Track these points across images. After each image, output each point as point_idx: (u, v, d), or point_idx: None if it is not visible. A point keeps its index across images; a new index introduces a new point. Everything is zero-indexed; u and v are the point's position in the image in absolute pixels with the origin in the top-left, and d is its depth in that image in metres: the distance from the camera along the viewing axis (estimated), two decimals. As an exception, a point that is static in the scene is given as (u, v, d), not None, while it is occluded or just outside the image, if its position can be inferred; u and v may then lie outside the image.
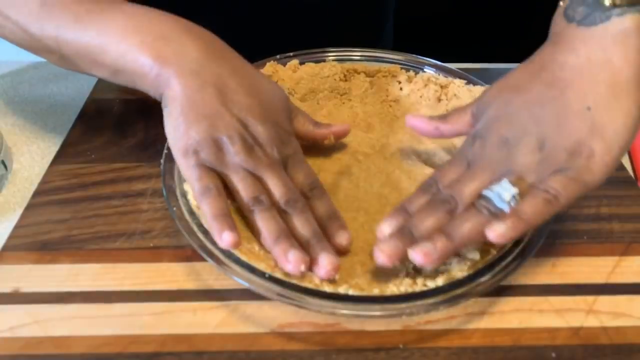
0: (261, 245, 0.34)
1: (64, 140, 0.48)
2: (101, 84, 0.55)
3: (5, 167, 0.45)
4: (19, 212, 0.41)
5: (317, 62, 0.50)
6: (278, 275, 0.32)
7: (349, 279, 0.32)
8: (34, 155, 0.47)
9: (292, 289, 0.31)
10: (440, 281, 0.32)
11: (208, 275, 0.36)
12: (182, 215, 0.35)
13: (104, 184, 0.43)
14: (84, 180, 0.43)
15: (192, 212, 0.35)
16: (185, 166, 0.35)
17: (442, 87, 0.48)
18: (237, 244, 0.31)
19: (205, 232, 0.34)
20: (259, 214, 0.34)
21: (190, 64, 0.36)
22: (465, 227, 0.31)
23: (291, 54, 0.50)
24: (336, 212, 0.36)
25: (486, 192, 0.32)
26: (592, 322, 0.34)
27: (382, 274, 0.33)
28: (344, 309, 0.31)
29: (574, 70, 0.33)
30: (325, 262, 0.32)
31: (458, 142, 0.44)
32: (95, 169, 0.45)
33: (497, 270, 0.32)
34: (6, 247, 0.38)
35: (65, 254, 0.37)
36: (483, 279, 0.32)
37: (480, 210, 0.31)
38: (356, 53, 0.51)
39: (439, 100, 0.47)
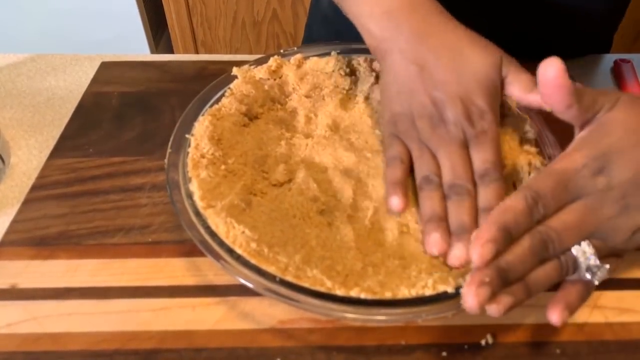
0: (270, 247, 0.33)
1: (61, 133, 0.47)
2: (99, 76, 0.54)
3: (3, 161, 0.44)
4: (17, 206, 0.40)
5: (321, 56, 0.49)
6: (289, 278, 0.31)
7: (361, 282, 0.32)
8: (32, 149, 0.47)
9: (301, 292, 0.31)
10: (452, 284, 0.31)
11: (207, 270, 0.36)
12: (184, 209, 0.35)
13: (102, 178, 0.43)
14: (82, 174, 0.43)
15: (198, 214, 0.34)
16: (385, 132, 0.40)
17: None
18: (401, 209, 0.36)
19: (213, 234, 0.33)
20: (424, 192, 0.36)
21: (400, 43, 0.39)
22: (544, 282, 0.29)
23: (295, 48, 0.50)
24: (497, 204, 0.34)
25: (580, 258, 0.29)
26: (597, 317, 0.34)
27: (393, 276, 0.32)
28: (356, 313, 0.30)
29: None
30: (454, 253, 0.33)
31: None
32: (93, 163, 0.44)
33: None
34: (3, 243, 0.38)
35: (63, 249, 0.37)
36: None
37: (562, 268, 0.29)
38: (361, 46, 0.50)
39: None
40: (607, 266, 0.29)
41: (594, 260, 0.29)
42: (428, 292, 0.31)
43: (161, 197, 0.41)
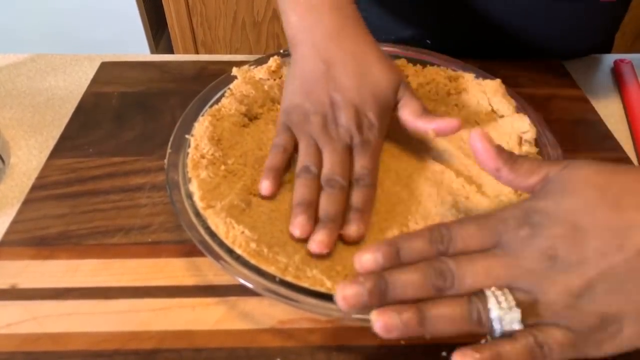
0: (270, 247, 0.33)
1: (61, 134, 0.47)
2: (99, 76, 0.54)
3: (3, 161, 0.44)
4: (17, 206, 0.40)
5: None
6: (288, 278, 0.31)
7: None
8: (32, 149, 0.47)
9: (301, 292, 0.31)
10: None
11: (207, 270, 0.36)
12: (183, 209, 0.35)
13: (102, 178, 0.43)
14: (82, 174, 0.43)
15: (198, 214, 0.35)
16: (278, 121, 0.42)
17: (450, 80, 0.47)
18: (271, 194, 0.37)
19: (212, 235, 0.33)
20: (300, 180, 0.37)
21: (315, 37, 0.41)
22: (444, 320, 0.26)
23: None
24: (365, 207, 0.36)
25: (491, 300, 0.26)
26: (596, 317, 0.34)
27: None
28: (356, 314, 0.29)
29: None
30: (315, 237, 0.33)
31: (468, 138, 0.43)
32: (93, 163, 0.44)
33: None
34: (3, 243, 0.37)
35: (63, 249, 0.37)
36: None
37: (470, 308, 0.26)
38: None
39: (449, 94, 0.46)
40: (518, 311, 0.25)
41: (504, 304, 0.25)
42: None
43: (161, 197, 0.41)
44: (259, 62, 0.48)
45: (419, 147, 0.43)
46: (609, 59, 0.60)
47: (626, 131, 0.50)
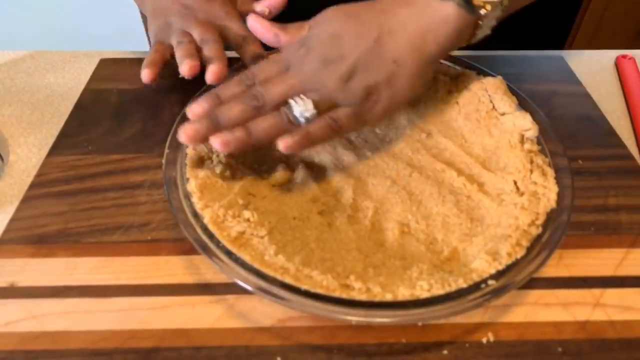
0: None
1: (60, 131, 0.47)
2: (98, 73, 0.54)
3: (2, 158, 0.44)
4: (16, 204, 0.40)
5: None
6: (288, 280, 0.31)
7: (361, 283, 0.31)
8: (31, 147, 0.46)
9: (303, 295, 0.30)
10: (452, 285, 0.31)
11: (207, 268, 0.36)
12: (181, 210, 0.34)
13: (101, 176, 0.42)
14: (81, 172, 0.43)
15: (196, 215, 0.34)
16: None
17: (451, 79, 0.47)
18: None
19: (211, 236, 0.33)
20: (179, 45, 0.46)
21: None
22: (264, 126, 0.35)
23: None
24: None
25: (291, 102, 0.35)
26: (599, 315, 0.33)
27: (394, 277, 0.32)
28: (356, 316, 0.30)
29: (403, 24, 0.37)
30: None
31: (469, 136, 0.43)
32: (93, 160, 0.44)
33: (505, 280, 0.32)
34: (2, 241, 0.37)
35: (62, 247, 0.37)
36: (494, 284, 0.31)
37: (281, 115, 0.35)
38: None
39: (449, 92, 0.46)
40: (310, 102, 0.35)
41: (300, 102, 0.35)
42: (426, 294, 0.30)
43: (160, 195, 0.41)
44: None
45: (418, 145, 0.42)
46: (611, 54, 0.60)
47: (628, 127, 0.50)
